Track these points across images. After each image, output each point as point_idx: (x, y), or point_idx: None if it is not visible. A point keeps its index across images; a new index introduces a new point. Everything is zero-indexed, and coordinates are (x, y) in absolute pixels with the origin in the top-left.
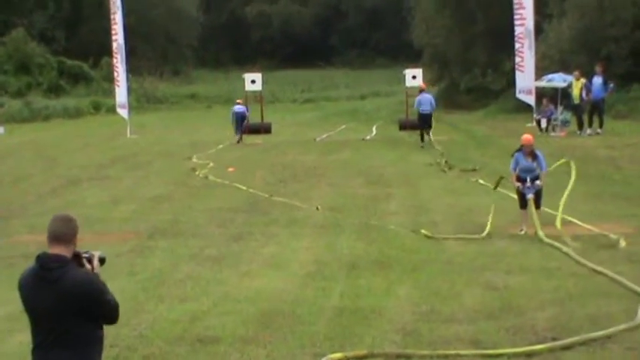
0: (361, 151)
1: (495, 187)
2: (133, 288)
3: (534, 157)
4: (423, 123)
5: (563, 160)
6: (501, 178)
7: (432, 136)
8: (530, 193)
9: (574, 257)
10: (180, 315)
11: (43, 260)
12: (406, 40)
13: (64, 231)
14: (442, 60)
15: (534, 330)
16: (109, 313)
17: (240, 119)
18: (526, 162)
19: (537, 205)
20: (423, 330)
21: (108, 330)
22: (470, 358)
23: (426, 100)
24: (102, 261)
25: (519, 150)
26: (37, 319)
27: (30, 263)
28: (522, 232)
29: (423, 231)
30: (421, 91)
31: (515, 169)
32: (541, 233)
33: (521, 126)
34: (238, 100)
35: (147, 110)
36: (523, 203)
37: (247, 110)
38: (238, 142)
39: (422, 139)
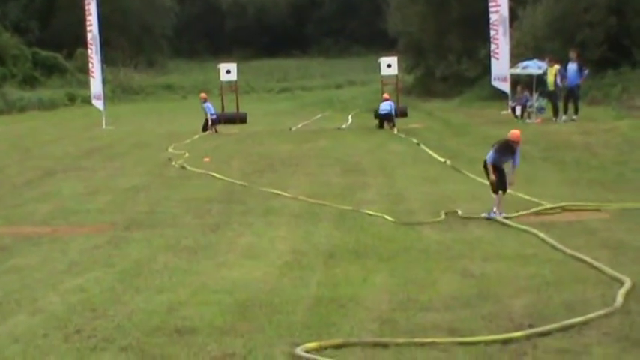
0: (337, 140)
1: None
2: (110, 279)
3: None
4: (382, 123)
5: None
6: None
7: (396, 129)
8: None
9: (550, 243)
10: (158, 306)
11: None
12: (381, 28)
13: None
14: (417, 48)
15: (511, 317)
16: None
17: (214, 122)
18: (505, 157)
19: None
20: (400, 318)
21: (85, 321)
22: (446, 345)
23: (386, 104)
24: None
25: (505, 145)
26: None
27: (5, 255)
28: (500, 215)
29: (387, 217)
30: (385, 100)
31: (494, 162)
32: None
33: (496, 113)
34: (203, 94)
35: (122, 101)
36: (496, 188)
37: (211, 109)
38: (215, 131)
39: (381, 126)
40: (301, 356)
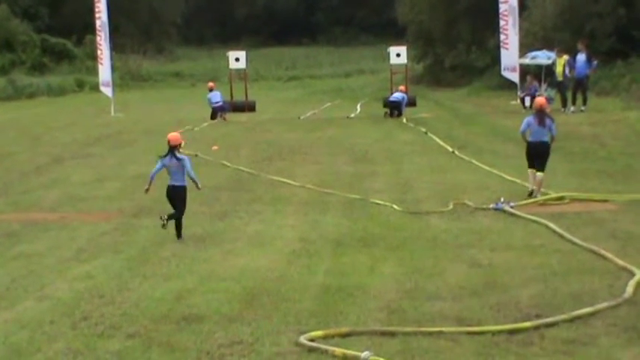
0: (346, 129)
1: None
2: (118, 266)
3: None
4: (392, 109)
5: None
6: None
7: (404, 119)
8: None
9: (559, 233)
10: (165, 293)
11: None
12: (391, 17)
13: None
14: (426, 37)
15: (518, 307)
16: None
17: (219, 109)
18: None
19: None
20: (407, 307)
21: (92, 307)
22: (454, 335)
23: (398, 94)
24: None
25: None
26: None
27: (13, 241)
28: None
29: (395, 206)
30: (400, 91)
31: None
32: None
33: (505, 103)
34: (211, 84)
35: (131, 88)
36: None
37: (222, 100)
38: (224, 119)
39: (390, 114)
40: (305, 344)
